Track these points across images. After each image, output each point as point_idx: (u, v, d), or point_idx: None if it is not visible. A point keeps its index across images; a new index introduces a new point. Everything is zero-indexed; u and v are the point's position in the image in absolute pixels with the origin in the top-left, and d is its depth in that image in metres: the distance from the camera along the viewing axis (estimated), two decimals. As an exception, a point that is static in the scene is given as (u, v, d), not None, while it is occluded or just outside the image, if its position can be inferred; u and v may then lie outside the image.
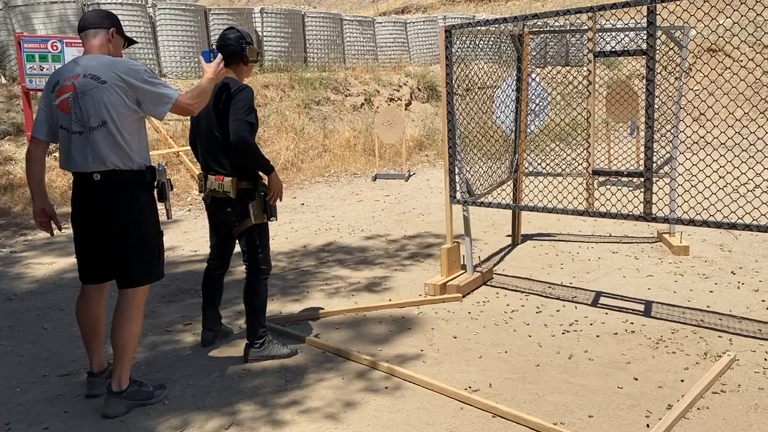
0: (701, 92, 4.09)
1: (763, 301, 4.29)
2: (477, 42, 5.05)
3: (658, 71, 5.25)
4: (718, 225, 3.58)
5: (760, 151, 3.84)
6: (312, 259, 5.70)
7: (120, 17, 3.25)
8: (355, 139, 11.56)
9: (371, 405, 3.08)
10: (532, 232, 6.38)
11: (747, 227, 3.49)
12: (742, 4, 3.74)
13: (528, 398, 3.09)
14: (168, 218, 3.07)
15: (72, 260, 5.88)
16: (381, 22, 15.09)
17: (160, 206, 3.15)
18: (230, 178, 3.43)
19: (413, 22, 15.40)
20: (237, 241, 3.73)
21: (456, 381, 3.27)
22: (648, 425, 2.77)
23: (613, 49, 3.84)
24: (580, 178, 4.75)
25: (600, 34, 7.03)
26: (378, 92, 13.22)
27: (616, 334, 3.83)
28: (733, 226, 3.53)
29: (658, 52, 6.30)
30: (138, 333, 3.07)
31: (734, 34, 4.35)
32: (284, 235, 6.62)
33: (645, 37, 3.70)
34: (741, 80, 4.05)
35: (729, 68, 3.82)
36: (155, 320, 4.32)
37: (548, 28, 8.06)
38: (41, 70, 7.81)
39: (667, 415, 2.79)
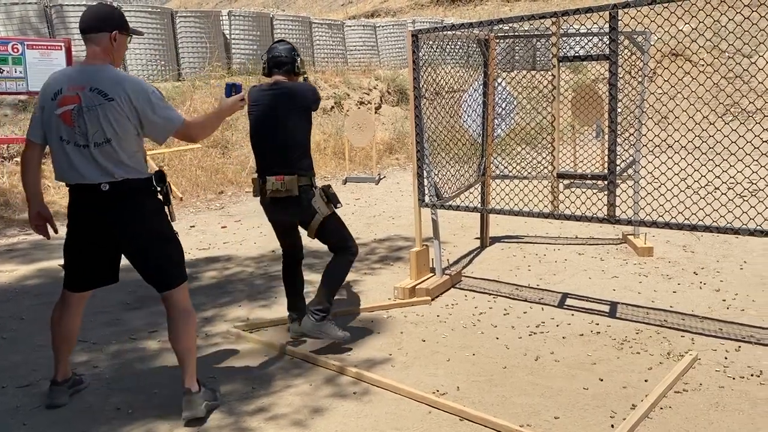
0: (663, 96, 4.16)
1: (724, 300, 4.39)
2: (444, 46, 5.08)
3: (622, 75, 5.35)
4: (680, 227, 3.65)
5: (719, 154, 3.93)
6: (281, 264, 5.64)
7: None
8: (326, 143, 11.53)
9: (339, 411, 3.06)
10: (500, 235, 6.43)
11: (707, 228, 3.57)
12: (700, 10, 3.83)
13: (495, 401, 3.11)
14: (172, 220, 3.05)
15: (34, 267, 5.76)
16: (350, 26, 15.10)
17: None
18: (292, 176, 3.57)
19: (382, 26, 15.44)
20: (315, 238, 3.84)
21: (424, 385, 3.28)
22: (612, 425, 2.81)
23: (577, 54, 3.89)
24: (546, 181, 4.80)
25: (568, 39, 7.15)
26: (348, 95, 13.22)
27: (582, 335, 3.88)
28: (693, 228, 3.61)
29: (621, 56, 6.41)
30: (195, 329, 3.11)
31: (692, 40, 4.44)
32: (253, 239, 6.57)
33: (608, 42, 3.75)
34: (700, 85, 4.14)
35: (688, 73, 3.90)
36: (119, 328, 4.25)
37: (515, 33, 8.15)
38: (1, 72, 7.64)
39: (630, 415, 2.83)
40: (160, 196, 3.00)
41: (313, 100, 3.68)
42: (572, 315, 4.22)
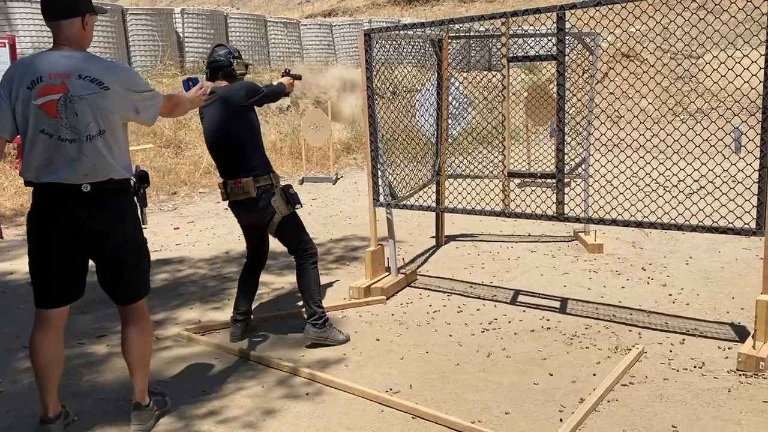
0: (619, 95, 4.26)
1: (670, 295, 4.51)
2: (397, 46, 5.09)
3: (574, 76, 5.44)
4: (626, 223, 3.74)
5: (663, 152, 4.04)
6: (234, 266, 5.59)
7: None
8: (282, 142, 11.45)
9: (291, 412, 3.04)
10: (455, 233, 6.49)
11: (652, 225, 3.67)
12: (643, 12, 3.93)
13: (448, 398, 3.13)
14: (143, 224, 2.91)
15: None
16: (306, 25, 15.03)
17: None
18: (247, 179, 3.61)
19: (339, 25, 15.40)
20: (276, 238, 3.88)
21: (377, 383, 3.28)
22: (561, 419, 2.86)
23: (526, 54, 3.95)
24: (498, 180, 4.86)
25: (525, 39, 7.24)
26: (304, 95, 13.14)
27: (533, 331, 3.94)
28: (639, 224, 3.70)
29: (576, 57, 6.53)
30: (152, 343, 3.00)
31: (644, 43, 4.55)
32: (206, 241, 6.47)
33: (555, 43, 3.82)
34: (645, 85, 4.25)
35: (633, 73, 4.00)
36: (66, 332, 4.12)
37: (471, 33, 8.22)
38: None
39: (579, 409, 2.88)
40: (137, 199, 2.87)
41: (246, 96, 3.66)
42: (524, 311, 4.28)
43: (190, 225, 7.22)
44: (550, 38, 5.82)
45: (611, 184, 4.11)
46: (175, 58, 12.06)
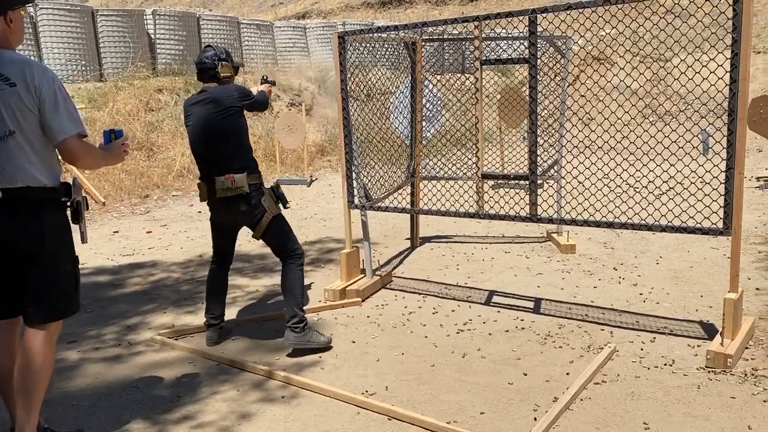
0: (590, 98, 4.31)
1: (641, 294, 4.58)
2: (371, 49, 5.10)
3: (546, 79, 5.51)
4: (597, 224, 3.79)
5: (633, 154, 4.11)
6: (208, 269, 5.53)
7: None
8: (256, 145, 11.36)
9: (267, 415, 3.03)
10: (430, 235, 6.51)
11: (623, 226, 3.73)
12: (626, 15, 4.00)
13: (423, 399, 3.14)
14: (83, 241, 2.71)
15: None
16: (280, 27, 14.96)
17: (74, 227, 2.67)
18: (241, 174, 3.57)
19: (312, 28, 15.37)
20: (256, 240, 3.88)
21: (353, 386, 3.28)
22: (535, 418, 2.88)
23: (499, 58, 3.99)
24: (472, 182, 4.90)
25: (498, 42, 7.29)
26: (278, 97, 13.09)
27: (508, 331, 3.97)
28: (610, 225, 3.76)
29: (548, 60, 6.60)
30: (48, 375, 2.60)
31: (620, 44, 4.63)
32: (179, 244, 6.41)
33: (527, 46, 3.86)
34: (628, 87, 4.33)
35: (603, 76, 4.06)
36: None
37: (442, 37, 8.27)
38: None
39: (552, 408, 2.92)
40: (69, 213, 2.62)
41: (239, 98, 3.67)
42: (498, 312, 4.32)
43: (162, 228, 7.14)
44: (522, 42, 5.89)
45: (583, 186, 4.16)
46: (147, 60, 11.91)
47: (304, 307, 3.97)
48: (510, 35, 5.78)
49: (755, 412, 2.86)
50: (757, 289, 4.52)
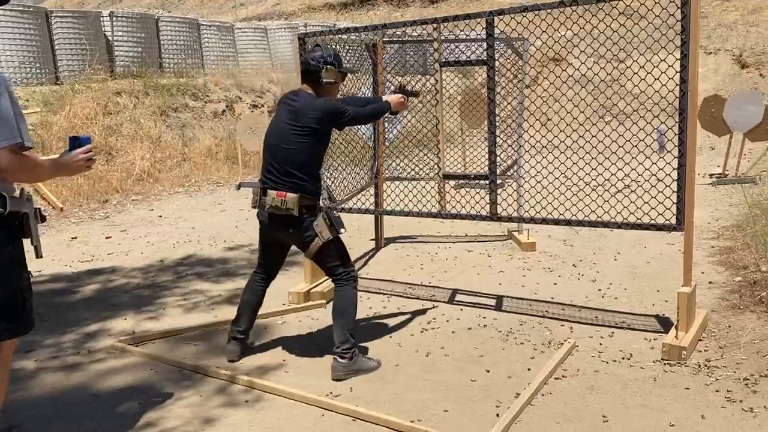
0: (546, 98, 4.38)
1: (600, 290, 4.68)
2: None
3: (504, 80, 5.58)
4: (556, 222, 3.87)
5: (588, 153, 4.20)
6: (169, 274, 5.47)
7: None
8: (217, 147, 11.26)
9: (230, 420, 3.01)
10: (395, 236, 6.54)
11: (580, 223, 3.81)
12: (579, 17, 4.08)
13: (387, 398, 3.16)
14: (37, 256, 2.51)
15: None
16: (241, 28, 14.84)
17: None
18: (294, 195, 3.35)
19: (274, 29, 15.28)
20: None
21: (317, 388, 3.28)
22: (498, 414, 2.93)
23: (458, 60, 4.03)
24: (434, 182, 4.94)
25: (471, 44, 7.35)
26: (240, 99, 12.98)
27: (470, 329, 4.02)
28: (568, 222, 3.83)
29: (505, 62, 6.68)
30: (2, 397, 2.56)
31: (575, 45, 4.71)
32: (139, 249, 6.30)
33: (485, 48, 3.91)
34: (582, 87, 4.40)
35: (571, 76, 4.14)
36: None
37: (402, 39, 8.30)
38: None
39: (514, 404, 2.96)
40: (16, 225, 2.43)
41: (321, 119, 3.39)
42: (461, 310, 4.36)
43: (122, 233, 7.02)
44: (480, 43, 5.96)
45: (540, 185, 4.24)
46: (104, 63, 11.69)
47: (264, 310, 3.93)
48: (468, 37, 5.84)
49: (708, 402, 2.95)
50: (710, 282, 4.66)
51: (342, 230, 3.57)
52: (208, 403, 3.19)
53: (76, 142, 2.56)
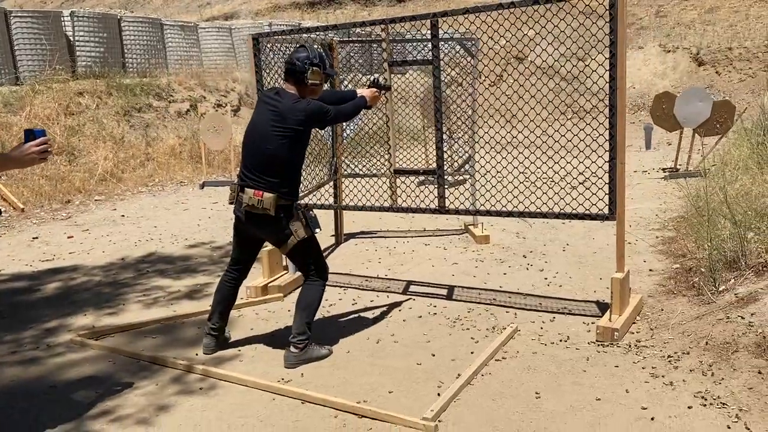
0: (499, 95, 4.57)
1: (546, 279, 4.90)
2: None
3: (458, 78, 5.77)
4: (498, 213, 4.06)
5: (547, 148, 4.41)
6: (130, 272, 5.55)
7: None
8: (181, 147, 11.29)
9: (185, 406, 3.14)
10: (355, 231, 6.69)
11: (521, 214, 4.01)
12: (541, 16, 4.26)
13: (337, 383, 3.32)
14: None
15: None
16: (205, 28, 14.84)
17: None
18: (271, 195, 3.42)
19: (238, 29, 15.30)
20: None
21: (270, 375, 3.42)
22: (439, 394, 3.10)
23: (405, 59, 4.19)
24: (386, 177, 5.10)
25: (442, 43, 7.51)
26: (204, 98, 13.00)
27: (421, 317, 4.20)
28: (509, 214, 4.03)
29: (460, 60, 6.86)
30: None
31: (537, 44, 4.92)
32: (101, 248, 6.36)
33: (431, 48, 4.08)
34: (544, 86, 4.59)
35: (533, 73, 4.33)
36: (-51, 347, 4.01)
37: (361, 39, 8.47)
38: None
39: (454, 384, 3.14)
40: None
41: (304, 122, 3.46)
42: (414, 300, 4.54)
43: (84, 233, 7.05)
44: (444, 42, 6.14)
45: (495, 179, 4.42)
46: (65, 63, 11.62)
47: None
48: (414, 38, 6.01)
49: (633, 377, 3.17)
50: (650, 270, 4.91)
51: (317, 230, 3.72)
52: (164, 391, 3.31)
53: (30, 135, 2.61)
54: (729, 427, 2.64)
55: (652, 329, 3.73)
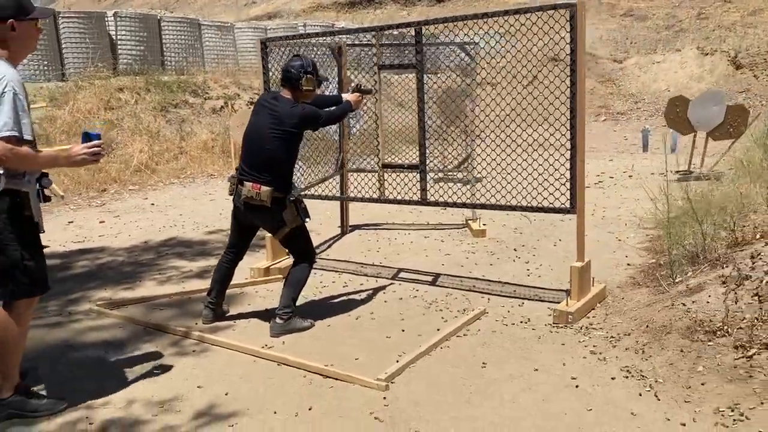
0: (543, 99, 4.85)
1: (528, 270, 5.23)
2: (306, 52, 5.66)
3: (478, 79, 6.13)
4: (474, 206, 4.43)
5: (530, 145, 4.73)
6: (151, 253, 6.09)
7: None
8: (213, 142, 11.88)
9: (178, 365, 3.61)
10: (362, 223, 7.10)
11: (501, 207, 4.37)
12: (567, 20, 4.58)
13: (314, 351, 3.74)
14: (41, 231, 3.04)
15: None
16: (241, 28, 15.46)
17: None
18: (268, 188, 3.88)
19: (273, 29, 15.89)
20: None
21: (256, 342, 3.86)
22: (398, 360, 3.50)
23: (392, 63, 4.59)
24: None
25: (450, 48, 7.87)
26: (238, 96, 13.59)
27: (401, 299, 4.59)
28: (474, 206, 4.40)
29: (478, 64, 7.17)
30: (8, 345, 2.98)
31: (558, 46, 5.22)
32: (128, 232, 6.93)
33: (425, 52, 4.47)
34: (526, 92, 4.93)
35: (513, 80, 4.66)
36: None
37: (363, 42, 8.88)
38: None
39: (413, 351, 3.54)
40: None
41: (298, 124, 3.93)
42: (400, 285, 4.93)
43: (115, 219, 7.65)
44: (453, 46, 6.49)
45: (491, 174, 4.77)
46: (108, 60, 12.36)
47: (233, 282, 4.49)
48: (410, 42, 6.37)
49: (574, 353, 3.51)
50: (628, 264, 5.19)
51: (307, 219, 4.17)
52: (164, 352, 3.79)
53: (86, 137, 2.92)
54: (641, 395, 2.97)
55: (607, 314, 4.05)
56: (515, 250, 5.86)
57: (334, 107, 4.29)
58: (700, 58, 21.35)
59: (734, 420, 2.66)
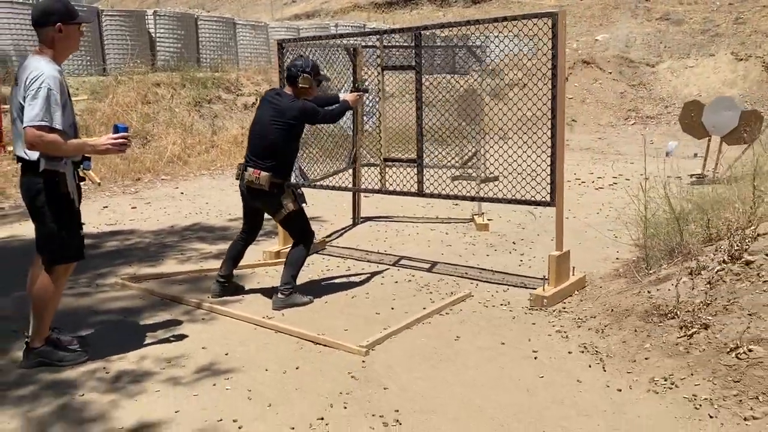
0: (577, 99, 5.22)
1: (521, 260, 5.55)
2: (324, 53, 6.09)
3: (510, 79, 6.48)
4: (463, 198, 4.77)
5: (524, 143, 5.07)
6: (176, 237, 6.59)
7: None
8: (243, 136, 12.40)
9: (187, 330, 4.06)
10: (373, 215, 7.50)
11: (482, 199, 4.71)
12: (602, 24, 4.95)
13: (309, 322, 4.15)
14: (77, 204, 3.45)
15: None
16: (274, 27, 16.01)
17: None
18: (266, 174, 4.33)
19: (305, 29, 16.40)
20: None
21: (258, 314, 4.29)
22: (380, 333, 3.88)
23: (394, 65, 4.96)
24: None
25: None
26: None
27: (397, 282, 4.97)
28: (473, 199, 4.73)
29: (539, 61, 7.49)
30: (45, 303, 3.45)
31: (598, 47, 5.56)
32: (157, 217, 7.46)
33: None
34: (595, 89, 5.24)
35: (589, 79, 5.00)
36: None
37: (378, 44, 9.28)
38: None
39: (395, 325, 3.92)
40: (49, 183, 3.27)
41: (297, 117, 4.35)
42: (398, 270, 5.31)
43: (146, 205, 8.20)
44: (458, 49, 6.85)
45: (495, 170, 5.12)
46: (146, 57, 13.01)
47: (240, 263, 4.93)
48: (411, 45, 6.73)
49: (541, 332, 3.85)
50: (617, 258, 5.48)
51: (304, 204, 4.59)
52: (177, 319, 4.25)
53: (115, 128, 3.34)
54: (590, 366, 3.31)
55: (581, 300, 4.37)
56: (514, 243, 6.18)
57: (333, 105, 4.72)
58: (733, 63, 21.16)
59: (665, 388, 2.98)
